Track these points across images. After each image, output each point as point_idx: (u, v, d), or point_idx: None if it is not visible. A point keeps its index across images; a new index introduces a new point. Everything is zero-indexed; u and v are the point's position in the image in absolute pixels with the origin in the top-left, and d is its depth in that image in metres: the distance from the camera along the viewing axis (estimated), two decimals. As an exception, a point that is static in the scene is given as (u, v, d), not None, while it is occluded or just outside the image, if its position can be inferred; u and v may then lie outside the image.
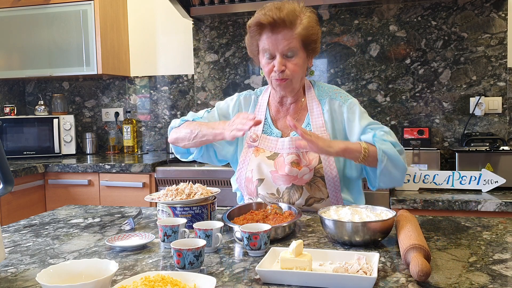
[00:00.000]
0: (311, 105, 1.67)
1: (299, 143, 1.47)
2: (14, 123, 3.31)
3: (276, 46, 1.54)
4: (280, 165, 1.60)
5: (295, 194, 1.61)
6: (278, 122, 1.70)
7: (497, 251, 1.14)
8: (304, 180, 1.59)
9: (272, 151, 1.63)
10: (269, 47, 1.55)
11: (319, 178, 1.59)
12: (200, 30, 3.35)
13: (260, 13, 1.55)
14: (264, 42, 1.56)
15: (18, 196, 2.80)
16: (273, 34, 1.53)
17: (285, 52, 1.54)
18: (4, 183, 1.18)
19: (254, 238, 1.14)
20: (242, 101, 1.76)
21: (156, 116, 3.58)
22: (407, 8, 2.95)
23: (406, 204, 2.20)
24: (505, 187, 2.30)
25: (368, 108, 3.03)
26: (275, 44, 1.53)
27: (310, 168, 1.58)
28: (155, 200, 1.43)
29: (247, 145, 1.68)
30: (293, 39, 1.54)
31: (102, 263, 0.98)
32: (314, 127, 1.63)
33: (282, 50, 1.54)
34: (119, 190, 2.89)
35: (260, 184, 1.62)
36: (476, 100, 2.82)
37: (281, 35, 1.53)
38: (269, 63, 1.58)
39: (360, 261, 1.00)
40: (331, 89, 1.70)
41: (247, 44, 1.67)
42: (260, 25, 1.54)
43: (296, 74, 1.58)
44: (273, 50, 1.55)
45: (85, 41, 3.26)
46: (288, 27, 1.53)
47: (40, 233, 1.43)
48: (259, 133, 1.68)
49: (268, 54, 1.57)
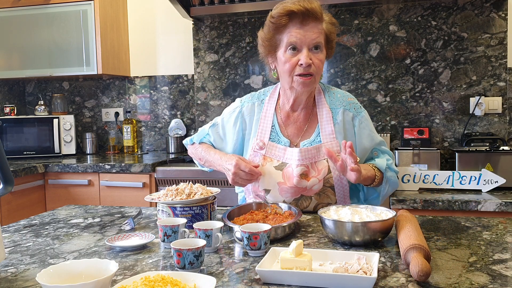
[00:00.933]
0: (321, 112, 1.62)
1: (334, 157, 1.41)
2: (14, 123, 3.31)
3: (304, 38, 1.48)
4: (288, 177, 1.56)
5: (303, 204, 1.59)
6: (287, 129, 1.64)
7: (497, 251, 1.14)
8: (313, 191, 1.56)
9: (280, 160, 1.59)
10: (296, 39, 1.48)
11: (329, 187, 1.57)
12: (200, 30, 3.35)
13: (289, 3, 1.49)
14: (291, 34, 1.49)
15: (18, 196, 2.80)
16: (302, 25, 1.48)
17: (313, 45, 1.49)
18: (4, 183, 1.18)
19: (254, 238, 1.14)
20: (245, 113, 1.69)
21: (156, 116, 3.58)
22: (407, 8, 2.95)
23: (406, 204, 2.20)
24: (505, 187, 2.30)
25: (368, 108, 3.03)
26: (304, 36, 1.48)
27: (320, 179, 1.55)
28: (155, 200, 1.43)
29: (254, 153, 1.63)
30: (321, 33, 1.51)
31: (102, 263, 0.98)
32: (323, 135, 1.59)
33: (309, 43, 1.49)
34: (119, 190, 2.89)
35: (267, 194, 1.60)
36: (476, 100, 2.82)
37: (310, 27, 1.48)
38: (293, 56, 1.51)
39: (360, 261, 1.00)
40: (344, 97, 1.65)
41: (263, 40, 1.58)
42: (290, 14, 1.48)
43: (320, 70, 1.53)
44: (300, 42, 1.49)
45: (85, 41, 3.26)
46: (317, 19, 1.49)
47: (40, 233, 1.43)
48: (266, 140, 1.62)
49: (292, 48, 1.50)
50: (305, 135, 1.63)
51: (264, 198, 1.60)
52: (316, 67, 1.51)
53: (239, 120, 1.69)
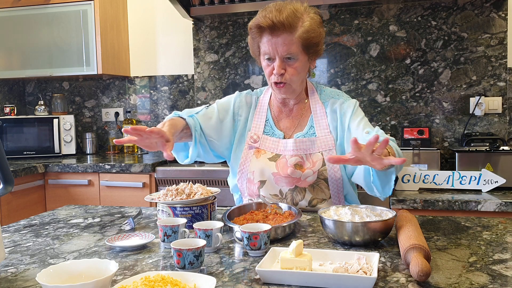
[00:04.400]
0: (314, 107, 1.66)
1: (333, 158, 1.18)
2: (14, 123, 3.31)
3: (275, 49, 1.52)
4: (282, 167, 1.59)
5: (298, 196, 1.60)
6: (281, 123, 1.69)
7: (497, 251, 1.14)
8: (307, 182, 1.58)
9: (273, 152, 1.62)
10: (269, 50, 1.53)
11: (323, 180, 1.59)
12: (200, 30, 3.35)
13: (261, 15, 1.54)
14: (264, 45, 1.54)
15: (18, 196, 2.80)
16: (273, 37, 1.51)
17: (285, 56, 1.53)
18: (4, 183, 1.18)
19: (254, 238, 1.14)
20: (244, 98, 1.74)
21: (156, 116, 3.58)
22: (407, 8, 2.95)
23: (406, 204, 2.20)
24: (505, 187, 2.30)
25: (368, 108, 3.03)
26: (275, 47, 1.52)
27: (314, 171, 1.57)
28: (155, 200, 1.43)
29: (248, 146, 1.67)
30: (292, 44, 1.51)
31: (102, 263, 0.98)
32: (318, 129, 1.62)
33: (281, 54, 1.52)
34: (119, 190, 2.89)
35: (262, 186, 1.62)
36: (476, 100, 2.82)
37: (281, 39, 1.50)
38: (269, 65, 1.57)
39: (360, 261, 1.00)
40: (334, 92, 1.70)
41: (249, 45, 1.67)
42: (260, 28, 1.53)
43: (295, 78, 1.56)
44: (272, 53, 1.53)
45: (85, 41, 3.26)
46: (288, 31, 1.50)
47: (40, 233, 1.43)
48: (260, 134, 1.66)
49: (268, 57, 1.55)
50: (298, 128, 1.66)
51: (258, 194, 1.61)
52: (290, 75, 1.55)
53: (238, 101, 1.72)
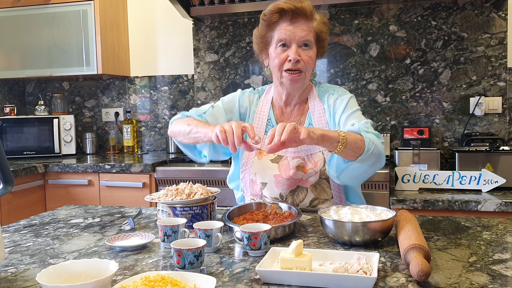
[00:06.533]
0: (312, 105, 1.66)
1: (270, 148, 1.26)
2: (14, 123, 3.31)
3: (293, 35, 1.53)
4: (284, 169, 1.59)
5: (299, 196, 1.60)
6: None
7: (497, 251, 1.14)
8: (309, 182, 1.58)
9: (275, 154, 1.61)
10: (286, 36, 1.54)
11: (324, 179, 1.59)
12: (200, 30, 3.35)
13: (279, 2, 1.55)
14: (281, 31, 1.55)
15: (18, 196, 2.80)
16: (292, 23, 1.53)
17: (302, 41, 1.54)
18: (4, 183, 1.18)
19: (254, 238, 1.14)
20: (247, 97, 1.74)
21: (156, 116, 3.58)
22: (407, 8, 2.95)
23: (406, 204, 2.20)
24: (505, 187, 2.30)
25: (368, 108, 3.03)
26: (293, 33, 1.53)
27: (316, 171, 1.57)
28: (155, 200, 1.43)
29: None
30: (310, 31, 1.55)
31: (102, 263, 0.98)
32: (317, 127, 1.61)
33: (299, 40, 1.53)
34: (119, 190, 2.89)
35: (264, 187, 1.62)
36: (476, 100, 2.82)
37: (300, 24, 1.53)
38: (283, 51, 1.55)
39: (360, 261, 1.00)
40: (330, 87, 1.70)
41: (257, 37, 1.64)
42: (281, 12, 1.54)
43: (309, 66, 1.57)
44: (290, 39, 1.54)
45: (85, 41, 3.26)
46: (307, 18, 1.54)
47: (40, 233, 1.43)
48: (262, 135, 1.65)
49: (283, 43, 1.55)
50: None
51: (260, 194, 1.61)
52: (305, 63, 1.55)
53: (242, 99, 1.72)
